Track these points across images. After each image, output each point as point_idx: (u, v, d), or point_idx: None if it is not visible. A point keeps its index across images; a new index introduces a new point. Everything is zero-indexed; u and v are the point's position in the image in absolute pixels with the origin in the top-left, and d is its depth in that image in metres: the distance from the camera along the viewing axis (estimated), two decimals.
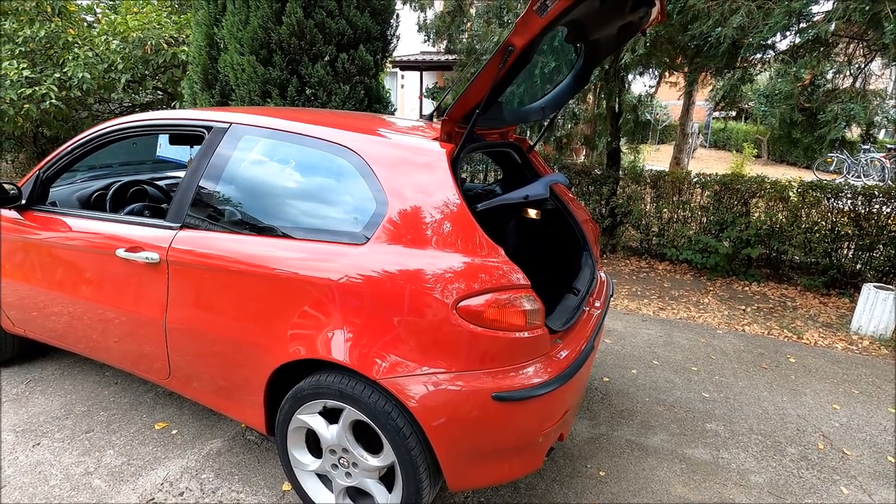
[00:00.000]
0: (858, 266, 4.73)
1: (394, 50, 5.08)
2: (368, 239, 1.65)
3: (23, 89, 6.08)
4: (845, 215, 4.69)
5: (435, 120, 2.46)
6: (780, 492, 2.16)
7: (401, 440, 1.61)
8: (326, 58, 4.11)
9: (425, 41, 6.26)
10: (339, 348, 1.64)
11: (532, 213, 2.73)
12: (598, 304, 2.25)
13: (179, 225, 1.98)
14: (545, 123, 6.04)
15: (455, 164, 1.72)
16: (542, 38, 1.51)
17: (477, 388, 1.54)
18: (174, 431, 2.39)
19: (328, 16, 4.07)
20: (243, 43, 4.09)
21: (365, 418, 1.66)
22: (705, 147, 19.28)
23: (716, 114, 18.94)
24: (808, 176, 7.87)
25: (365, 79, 4.40)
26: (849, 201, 4.66)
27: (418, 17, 6.27)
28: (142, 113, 2.34)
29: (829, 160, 11.71)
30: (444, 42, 6.25)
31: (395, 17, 4.87)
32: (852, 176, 11.28)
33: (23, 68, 6.07)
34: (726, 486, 2.18)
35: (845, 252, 4.76)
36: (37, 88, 6.08)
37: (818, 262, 4.81)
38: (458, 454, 1.61)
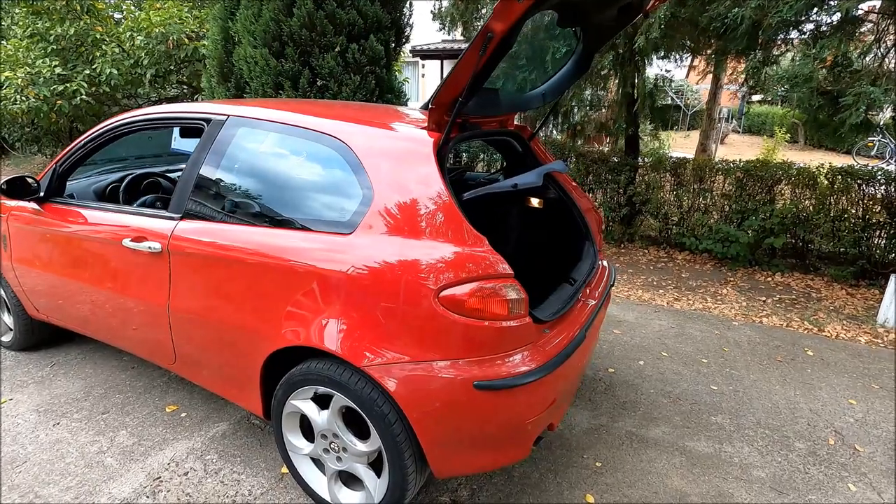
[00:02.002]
0: (892, 256, 4.50)
1: (407, 39, 5.06)
2: (355, 228, 1.67)
3: (55, 86, 6.34)
4: (878, 202, 4.47)
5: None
6: (782, 487, 2.11)
7: (386, 427, 1.63)
8: (337, 49, 4.13)
9: (440, 29, 6.22)
10: (325, 336, 1.67)
11: (534, 202, 2.70)
12: (596, 294, 2.22)
13: (180, 215, 2.04)
14: (558, 111, 5.93)
15: (442, 153, 1.72)
16: (523, 23, 1.48)
17: (458, 377, 1.55)
18: (183, 414, 2.49)
19: (338, 6, 4.09)
20: (256, 36, 4.15)
21: (353, 405, 1.69)
22: (738, 132, 18.59)
23: (755, 97, 18.19)
24: (848, 161, 7.50)
25: (376, 69, 4.41)
26: (882, 187, 4.44)
27: (433, 5, 6.23)
28: (147, 107, 2.41)
29: (870, 144, 11.13)
30: (460, 29, 6.19)
31: (407, 5, 4.85)
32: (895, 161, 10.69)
33: (55, 66, 6.32)
34: (726, 480, 2.14)
35: (877, 241, 4.54)
36: (68, 85, 6.33)
37: (847, 252, 4.61)
38: (442, 442, 1.63)
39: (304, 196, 1.85)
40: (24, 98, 6.30)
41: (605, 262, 2.52)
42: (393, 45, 4.73)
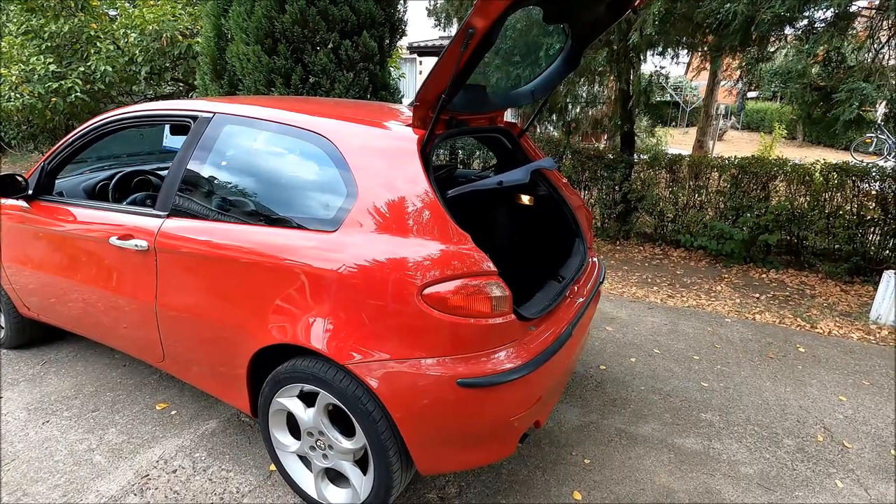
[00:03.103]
0: (886, 252, 4.50)
1: (402, 35, 5.04)
2: (339, 225, 1.67)
3: (50, 83, 6.32)
4: (872, 199, 4.47)
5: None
6: (770, 484, 2.11)
7: (371, 424, 1.63)
8: (330, 45, 4.12)
9: (435, 26, 6.20)
10: (309, 333, 1.67)
11: (525, 199, 2.69)
12: (584, 291, 2.21)
13: (167, 213, 2.04)
14: (553, 108, 5.92)
15: (426, 150, 1.71)
16: (504, 19, 1.48)
17: (442, 375, 1.55)
18: (173, 412, 2.49)
19: (331, 2, 4.07)
20: (248, 33, 4.14)
21: (338, 402, 1.69)
22: (737, 129, 18.58)
23: (751, 94, 18.18)
24: (846, 158, 7.47)
25: (370, 65, 4.39)
26: (876, 184, 4.43)
27: (429, 2, 6.21)
28: (135, 105, 2.40)
29: (867, 141, 11.09)
30: (455, 26, 6.16)
31: (402, 1, 4.83)
32: (893, 157, 10.66)
33: (49, 63, 6.30)
34: (714, 476, 2.14)
35: (871, 238, 4.54)
36: (63, 82, 6.31)
37: (841, 249, 4.60)
38: (426, 439, 1.63)
39: (289, 193, 1.84)
40: (18, 95, 6.27)
41: (594, 259, 2.52)
42: (387, 41, 4.71)
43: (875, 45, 3.55)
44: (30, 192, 2.48)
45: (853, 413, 2.61)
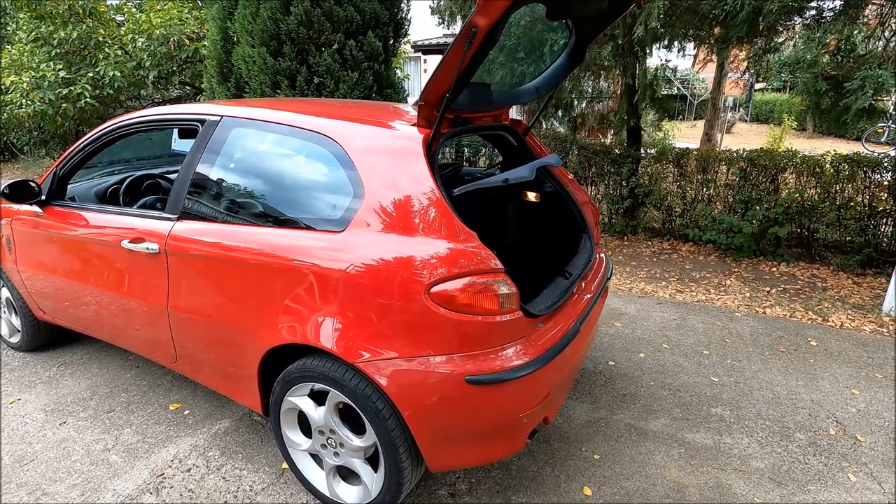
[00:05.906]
0: None
1: (406, 34, 5.06)
2: (346, 226, 1.68)
3: (60, 89, 6.40)
4: (884, 189, 4.41)
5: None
6: (781, 478, 2.10)
7: (381, 422, 1.65)
8: (335, 46, 4.13)
9: (439, 24, 6.20)
10: (318, 333, 1.68)
11: (531, 195, 2.70)
12: (592, 287, 2.21)
13: (177, 216, 2.07)
14: (558, 104, 5.90)
15: (432, 149, 1.72)
16: (507, 17, 1.48)
17: (450, 372, 1.56)
18: (187, 412, 2.52)
19: (336, 3, 4.09)
20: (254, 35, 4.17)
21: (348, 401, 1.71)
22: (746, 121, 18.39)
23: (758, 85, 17.98)
24: (857, 148, 7.37)
25: (374, 65, 4.41)
26: (888, 174, 4.37)
27: (432, 0, 6.21)
28: (143, 110, 2.43)
29: (879, 131, 10.94)
30: (459, 24, 6.16)
31: (405, 0, 4.84)
32: None
33: (59, 69, 6.38)
34: (725, 471, 2.14)
35: (883, 229, 4.48)
36: (72, 88, 6.39)
37: (853, 241, 4.55)
38: (435, 436, 1.64)
39: (297, 194, 1.86)
40: (29, 102, 6.38)
41: (602, 255, 2.52)
42: (392, 40, 4.72)
43: (886, 34, 3.50)
44: (43, 197, 2.53)
45: (866, 406, 2.59)
